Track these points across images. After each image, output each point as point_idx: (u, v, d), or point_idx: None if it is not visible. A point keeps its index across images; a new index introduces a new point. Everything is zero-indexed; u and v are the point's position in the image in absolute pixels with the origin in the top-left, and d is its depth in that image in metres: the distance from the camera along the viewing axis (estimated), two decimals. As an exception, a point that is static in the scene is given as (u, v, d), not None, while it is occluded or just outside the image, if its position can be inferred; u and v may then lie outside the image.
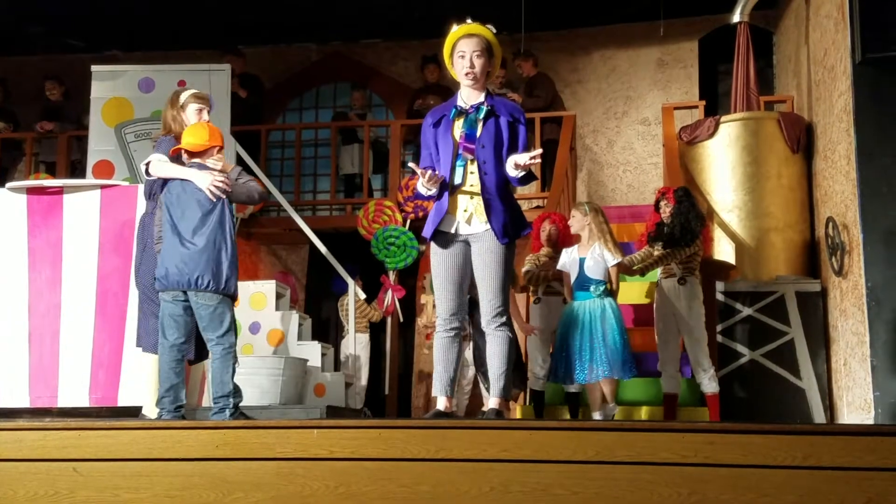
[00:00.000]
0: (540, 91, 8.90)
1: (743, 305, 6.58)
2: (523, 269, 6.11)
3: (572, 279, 5.62)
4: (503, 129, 3.94)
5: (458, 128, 3.96)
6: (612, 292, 5.55)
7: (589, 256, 5.54)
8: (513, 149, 3.95)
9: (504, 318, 3.93)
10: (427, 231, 4.01)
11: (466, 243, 3.97)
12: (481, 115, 3.93)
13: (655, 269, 5.87)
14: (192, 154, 4.38)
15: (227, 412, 4.21)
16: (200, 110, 4.64)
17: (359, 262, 8.37)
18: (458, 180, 3.94)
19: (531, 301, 6.14)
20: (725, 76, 8.48)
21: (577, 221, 5.70)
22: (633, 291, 6.99)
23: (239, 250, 7.98)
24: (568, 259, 5.68)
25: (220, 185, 4.28)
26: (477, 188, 3.91)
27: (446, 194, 3.96)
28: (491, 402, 3.99)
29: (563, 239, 6.03)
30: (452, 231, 3.97)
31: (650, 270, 5.92)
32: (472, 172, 3.93)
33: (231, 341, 4.29)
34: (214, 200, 4.27)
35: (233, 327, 4.32)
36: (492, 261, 3.91)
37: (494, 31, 4.02)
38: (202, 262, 4.20)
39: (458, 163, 3.93)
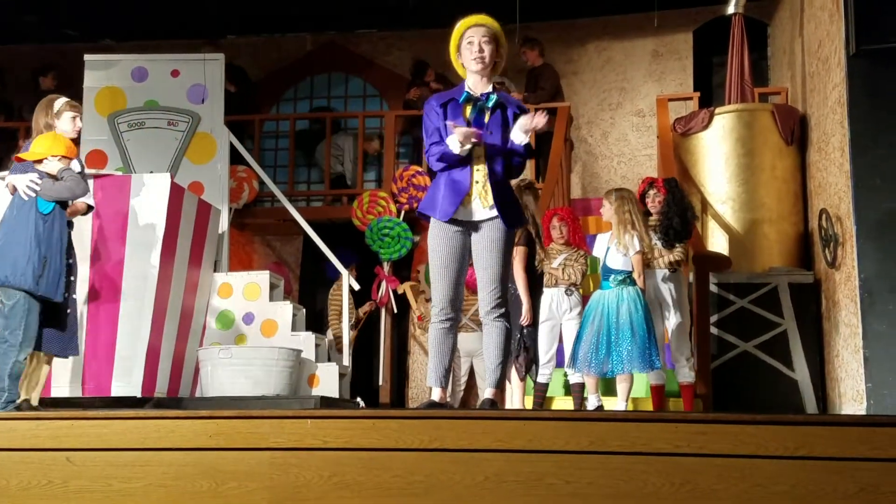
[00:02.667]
0: (545, 83, 8.90)
1: (736, 297, 6.60)
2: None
3: (599, 268, 5.63)
4: (510, 121, 3.95)
5: (468, 113, 3.95)
6: (636, 281, 5.47)
7: (611, 246, 5.52)
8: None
9: (503, 310, 3.92)
10: (446, 212, 3.89)
11: (466, 232, 3.95)
12: (490, 104, 3.94)
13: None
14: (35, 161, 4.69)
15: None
16: (74, 118, 4.91)
17: (355, 249, 8.36)
18: (475, 165, 3.93)
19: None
20: (720, 68, 8.48)
21: (606, 210, 5.64)
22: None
23: (233, 241, 8.09)
24: (598, 247, 5.68)
25: (31, 184, 4.57)
26: (483, 173, 3.90)
27: (468, 170, 3.92)
28: (486, 392, 3.99)
29: (572, 234, 6.04)
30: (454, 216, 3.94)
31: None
32: (478, 157, 3.92)
33: (17, 339, 4.44)
34: (26, 199, 4.57)
35: (21, 326, 4.45)
36: (494, 249, 3.89)
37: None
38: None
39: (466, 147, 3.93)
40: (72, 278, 4.77)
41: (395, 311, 8.57)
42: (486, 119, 3.93)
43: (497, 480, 2.98)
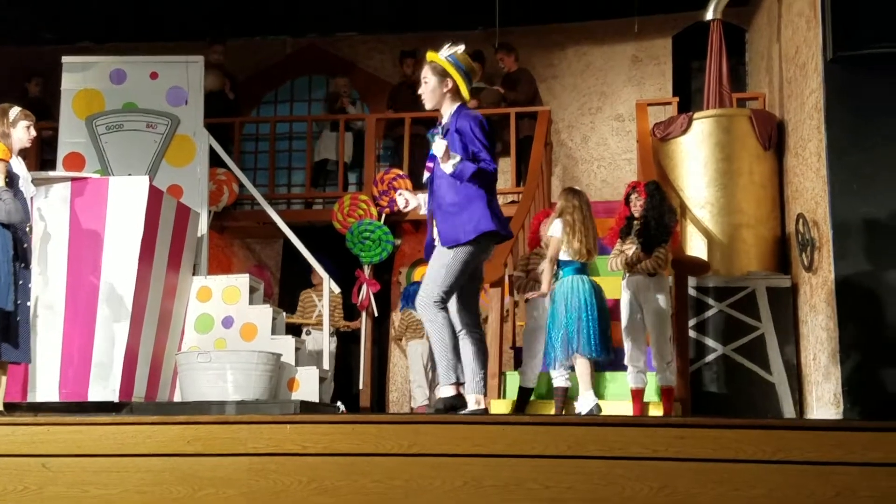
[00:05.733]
0: (522, 87, 8.97)
1: (714, 301, 6.63)
2: (514, 274, 6.14)
3: None
4: (457, 143, 4.17)
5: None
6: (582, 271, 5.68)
7: None
8: (466, 155, 4.16)
9: (429, 307, 4.12)
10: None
11: None
12: (440, 135, 4.21)
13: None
14: None
15: None
16: (28, 127, 5.02)
17: (332, 256, 8.34)
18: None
19: (514, 298, 6.21)
20: (698, 73, 8.53)
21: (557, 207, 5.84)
22: (614, 286, 6.96)
23: (213, 244, 8.04)
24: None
25: None
26: (433, 203, 4.26)
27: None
28: (469, 401, 4.16)
29: None
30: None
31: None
32: (431, 191, 4.29)
33: None
34: None
35: None
36: (434, 259, 4.21)
37: (451, 53, 4.28)
38: None
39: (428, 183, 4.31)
40: (23, 284, 4.79)
41: (376, 314, 8.56)
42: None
43: (476, 485, 2.98)
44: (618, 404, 5.93)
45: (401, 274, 8.94)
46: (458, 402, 4.10)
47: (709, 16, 7.82)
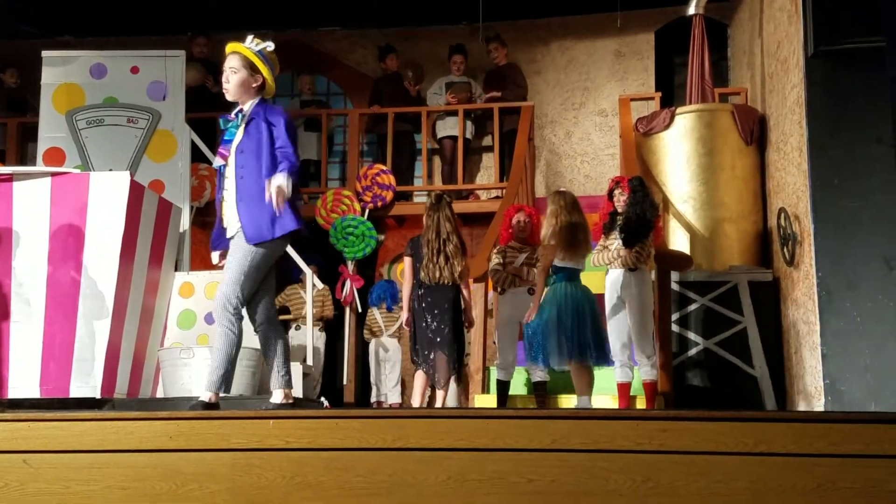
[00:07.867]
0: (521, 80, 9.07)
1: (697, 295, 6.66)
2: (490, 267, 6.11)
3: None
4: (263, 132, 4.14)
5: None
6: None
7: None
8: (271, 146, 4.12)
9: (227, 313, 4.17)
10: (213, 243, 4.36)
11: None
12: (239, 123, 4.21)
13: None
14: None
15: None
16: None
17: (318, 252, 8.32)
18: (225, 186, 4.22)
19: (497, 293, 6.19)
20: (681, 68, 8.57)
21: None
22: (598, 281, 6.98)
23: (195, 240, 8.01)
24: None
25: None
26: (232, 193, 4.15)
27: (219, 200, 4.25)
28: (276, 395, 4.28)
29: (534, 232, 6.04)
30: (230, 236, 4.23)
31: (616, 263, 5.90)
32: (227, 177, 4.20)
33: None
34: None
35: None
36: (231, 254, 4.16)
37: (261, 48, 4.31)
38: None
39: (220, 169, 4.24)
40: None
41: (360, 310, 8.54)
42: (238, 139, 4.18)
43: (460, 479, 2.98)
44: (605, 398, 5.96)
45: (382, 273, 8.92)
46: (212, 408, 4.08)
47: (691, 11, 7.85)
